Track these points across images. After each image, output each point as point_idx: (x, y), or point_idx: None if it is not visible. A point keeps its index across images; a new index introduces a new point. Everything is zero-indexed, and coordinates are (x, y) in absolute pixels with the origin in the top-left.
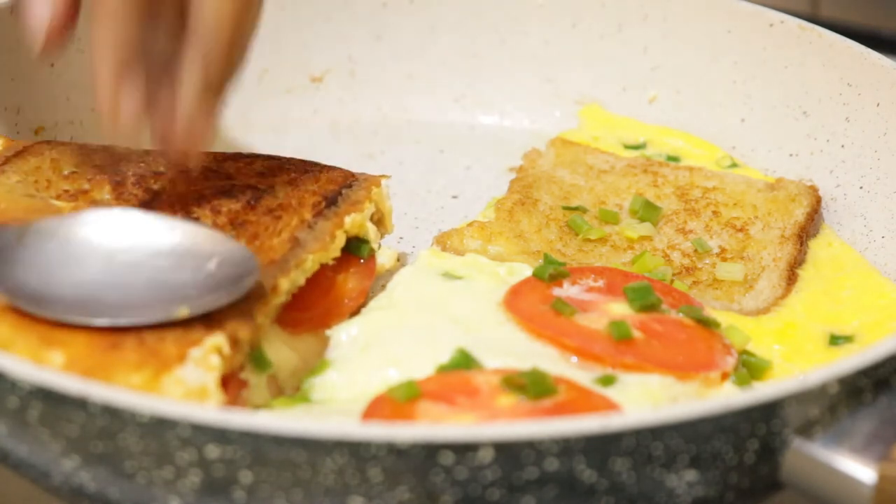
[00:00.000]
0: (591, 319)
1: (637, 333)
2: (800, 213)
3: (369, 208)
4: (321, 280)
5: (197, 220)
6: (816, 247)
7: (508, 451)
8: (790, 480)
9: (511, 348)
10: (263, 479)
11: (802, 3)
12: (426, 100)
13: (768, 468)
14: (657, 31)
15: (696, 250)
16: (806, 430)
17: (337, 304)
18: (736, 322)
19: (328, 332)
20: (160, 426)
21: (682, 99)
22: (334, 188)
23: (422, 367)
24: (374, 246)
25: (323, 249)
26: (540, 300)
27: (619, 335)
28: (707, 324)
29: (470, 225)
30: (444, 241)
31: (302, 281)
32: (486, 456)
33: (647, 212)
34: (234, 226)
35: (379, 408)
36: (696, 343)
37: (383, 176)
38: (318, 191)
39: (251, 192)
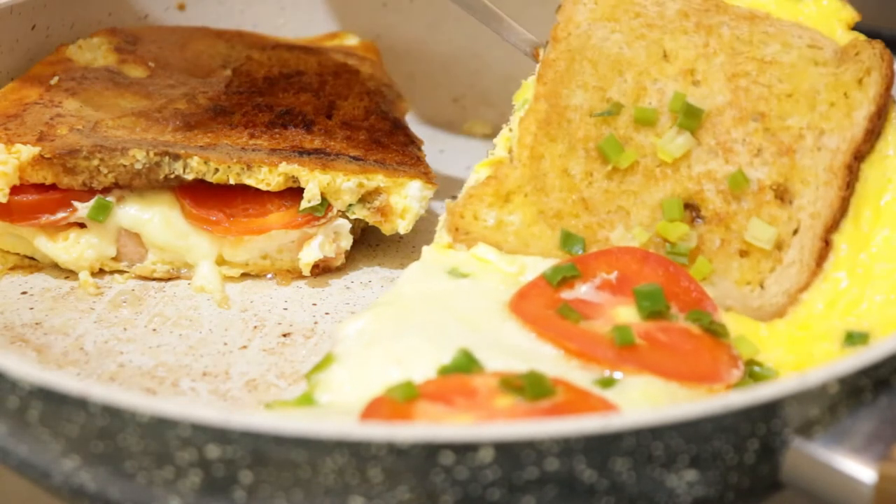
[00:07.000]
0: (597, 326)
1: (640, 341)
2: (860, 116)
3: (348, 181)
4: (254, 200)
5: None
6: (869, 168)
7: (509, 451)
8: (790, 480)
9: (515, 349)
10: (263, 479)
11: None
12: (426, 100)
13: (768, 468)
14: None
15: (732, 188)
16: (806, 430)
17: (237, 222)
18: (748, 329)
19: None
20: (160, 426)
21: None
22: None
23: (425, 366)
24: (314, 211)
25: (236, 167)
26: (546, 305)
27: (622, 341)
28: (715, 333)
29: (486, 184)
30: (455, 213)
31: (188, 175)
32: (486, 456)
33: (688, 118)
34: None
35: (378, 408)
36: (702, 354)
37: (418, 177)
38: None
39: (293, 115)
